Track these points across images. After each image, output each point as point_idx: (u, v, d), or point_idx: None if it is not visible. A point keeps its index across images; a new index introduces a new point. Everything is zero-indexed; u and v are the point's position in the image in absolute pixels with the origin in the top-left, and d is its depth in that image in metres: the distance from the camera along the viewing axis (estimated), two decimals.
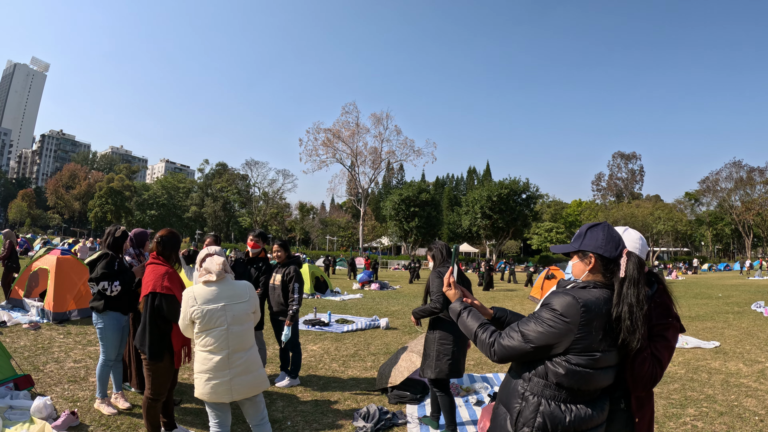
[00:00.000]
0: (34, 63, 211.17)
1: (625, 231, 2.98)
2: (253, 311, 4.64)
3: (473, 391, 7.69)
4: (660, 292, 2.87)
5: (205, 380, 4.32)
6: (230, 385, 4.32)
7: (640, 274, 2.59)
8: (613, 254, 2.66)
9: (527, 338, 2.53)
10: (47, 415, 5.56)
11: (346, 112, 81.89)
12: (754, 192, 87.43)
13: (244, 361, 4.41)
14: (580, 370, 2.47)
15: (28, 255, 32.95)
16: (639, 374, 2.62)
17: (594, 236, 2.73)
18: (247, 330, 4.52)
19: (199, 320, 4.31)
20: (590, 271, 2.71)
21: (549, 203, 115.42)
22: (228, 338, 4.34)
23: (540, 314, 2.59)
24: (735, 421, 6.59)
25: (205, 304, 4.33)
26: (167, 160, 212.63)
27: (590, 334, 2.47)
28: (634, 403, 2.76)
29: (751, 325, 15.20)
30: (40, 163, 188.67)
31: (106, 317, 6.09)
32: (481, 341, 2.69)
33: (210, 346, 4.32)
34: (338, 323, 13.67)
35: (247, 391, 4.43)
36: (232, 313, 4.39)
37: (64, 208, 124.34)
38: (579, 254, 2.78)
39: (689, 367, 9.56)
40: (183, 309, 4.40)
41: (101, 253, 6.35)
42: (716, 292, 28.59)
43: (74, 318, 11.73)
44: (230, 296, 4.44)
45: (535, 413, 2.52)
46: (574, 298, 2.50)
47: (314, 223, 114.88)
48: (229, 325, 4.36)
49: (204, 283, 4.45)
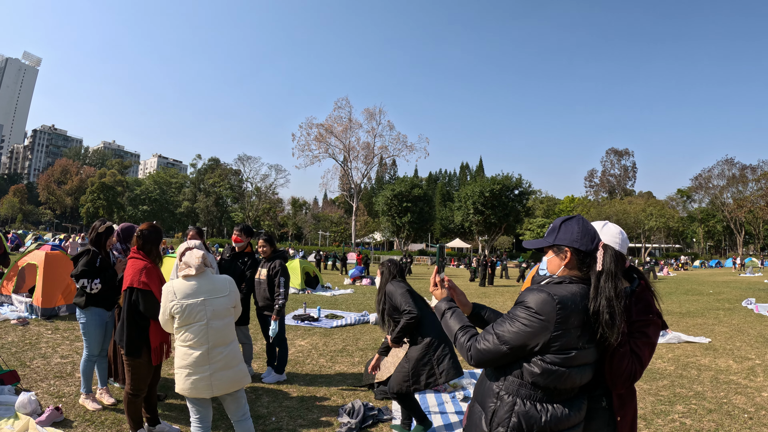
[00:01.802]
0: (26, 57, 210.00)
1: (605, 225, 2.94)
2: (233, 306, 4.61)
3: (460, 387, 7.66)
4: (642, 289, 2.81)
5: (185, 375, 4.30)
6: (210, 380, 4.29)
7: (617, 268, 2.55)
8: (589, 247, 2.61)
9: (502, 339, 2.47)
10: (32, 411, 5.52)
11: (338, 107, 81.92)
12: (746, 189, 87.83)
13: (224, 357, 4.37)
14: (556, 369, 2.42)
15: (20, 251, 32.82)
16: (618, 370, 2.58)
17: (568, 230, 2.68)
18: (227, 325, 4.49)
19: (179, 315, 4.28)
20: (566, 266, 2.65)
21: (541, 199, 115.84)
22: (208, 333, 4.32)
23: (514, 313, 2.53)
24: (724, 418, 6.59)
25: (185, 298, 4.30)
26: (160, 155, 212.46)
27: (567, 331, 2.42)
28: (616, 401, 2.71)
29: (741, 321, 15.25)
30: (32, 159, 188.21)
31: (89, 313, 6.04)
32: (460, 344, 2.63)
33: (190, 341, 4.29)
34: (328, 318, 13.65)
35: (227, 386, 4.40)
36: (212, 307, 4.36)
37: (56, 204, 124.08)
38: (554, 249, 2.72)
39: (679, 364, 9.57)
40: (163, 303, 4.36)
41: (83, 249, 6.30)
42: (707, 288, 28.69)
43: (63, 314, 11.69)
44: (210, 290, 4.42)
45: (510, 413, 2.47)
46: (549, 295, 2.45)
47: (307, 219, 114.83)
48: (209, 320, 4.33)
49: (183, 277, 4.43)
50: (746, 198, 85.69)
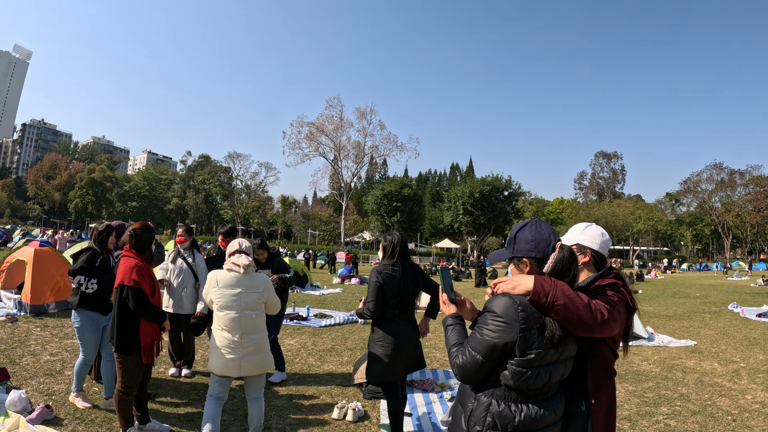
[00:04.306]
0: (17, 50, 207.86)
1: (587, 227, 3.00)
2: (265, 301, 5.21)
3: (448, 387, 7.72)
4: (611, 280, 2.87)
5: (218, 355, 4.96)
6: (240, 362, 4.95)
7: (564, 268, 2.60)
8: (546, 253, 2.65)
9: (475, 349, 2.53)
10: (22, 408, 5.53)
11: (330, 106, 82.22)
12: (735, 194, 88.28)
13: (254, 343, 5.04)
14: (525, 370, 2.48)
15: (7, 246, 32.65)
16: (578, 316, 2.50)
17: (523, 239, 2.72)
18: (259, 316, 5.13)
19: (217, 301, 4.98)
20: (528, 274, 2.68)
21: (531, 201, 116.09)
22: (241, 321, 4.98)
23: (481, 321, 2.58)
24: (708, 420, 6.67)
25: (225, 288, 4.99)
26: (149, 151, 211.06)
27: (530, 332, 2.47)
28: (591, 383, 2.74)
29: (727, 325, 15.37)
30: (21, 153, 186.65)
31: (83, 316, 6.01)
32: (451, 360, 2.68)
33: (226, 326, 4.96)
34: (317, 317, 13.64)
35: (253, 369, 5.05)
36: (246, 299, 5.01)
37: (45, 199, 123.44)
38: (514, 260, 2.77)
39: (664, 366, 9.66)
40: (206, 288, 5.11)
41: (86, 246, 6.31)
42: (694, 291, 28.84)
43: (52, 311, 11.62)
44: (247, 286, 5.06)
45: (485, 412, 2.54)
46: (511, 299, 2.50)
47: (296, 217, 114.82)
48: (242, 309, 4.99)
49: (227, 270, 5.07)
50: (734, 202, 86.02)
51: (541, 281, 2.48)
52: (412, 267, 5.58)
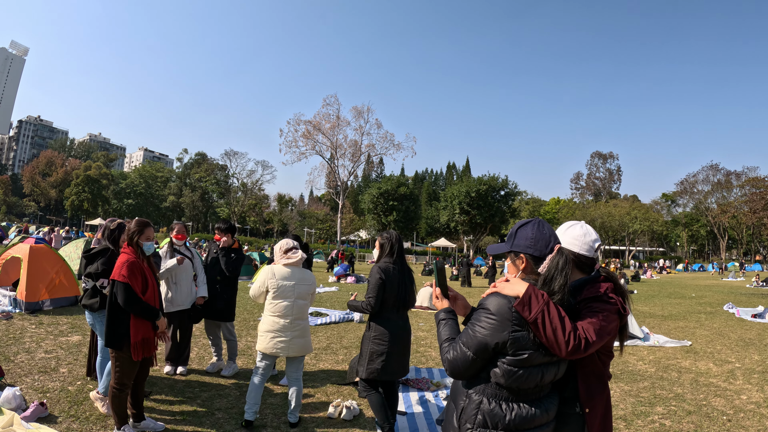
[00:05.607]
0: (13, 47, 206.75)
1: (570, 227, 2.96)
2: (311, 293, 6.02)
3: (443, 385, 7.73)
4: (603, 281, 2.83)
5: (270, 338, 5.67)
6: (288, 343, 5.69)
7: (557, 272, 2.58)
8: (544, 252, 2.64)
9: (466, 345, 2.53)
10: (16, 406, 5.51)
11: (327, 104, 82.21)
12: (731, 195, 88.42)
13: (301, 328, 5.82)
14: (516, 370, 2.47)
15: (3, 243, 32.58)
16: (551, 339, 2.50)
17: (524, 236, 2.71)
18: (306, 305, 5.93)
19: (274, 291, 5.71)
20: (523, 271, 2.70)
21: (527, 200, 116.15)
22: (293, 308, 5.75)
23: (475, 318, 2.59)
24: (703, 420, 6.69)
25: (282, 279, 5.75)
26: (146, 148, 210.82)
27: (523, 332, 2.47)
28: (583, 391, 2.72)
29: (722, 325, 15.43)
30: (17, 150, 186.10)
31: (102, 317, 5.91)
32: (442, 355, 2.68)
33: (279, 312, 5.70)
34: (312, 316, 13.58)
35: (298, 350, 5.78)
36: (298, 290, 5.81)
37: (41, 196, 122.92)
38: (511, 255, 2.77)
39: (659, 366, 9.68)
40: (261, 279, 5.79)
41: (103, 247, 6.22)
42: (690, 292, 28.95)
43: (47, 308, 11.61)
44: (300, 279, 5.86)
45: (476, 410, 2.54)
46: (506, 298, 2.51)
47: (292, 215, 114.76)
48: (295, 298, 5.76)
49: (283, 264, 5.85)
50: (730, 203, 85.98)
51: (532, 295, 2.47)
52: (408, 267, 5.88)
